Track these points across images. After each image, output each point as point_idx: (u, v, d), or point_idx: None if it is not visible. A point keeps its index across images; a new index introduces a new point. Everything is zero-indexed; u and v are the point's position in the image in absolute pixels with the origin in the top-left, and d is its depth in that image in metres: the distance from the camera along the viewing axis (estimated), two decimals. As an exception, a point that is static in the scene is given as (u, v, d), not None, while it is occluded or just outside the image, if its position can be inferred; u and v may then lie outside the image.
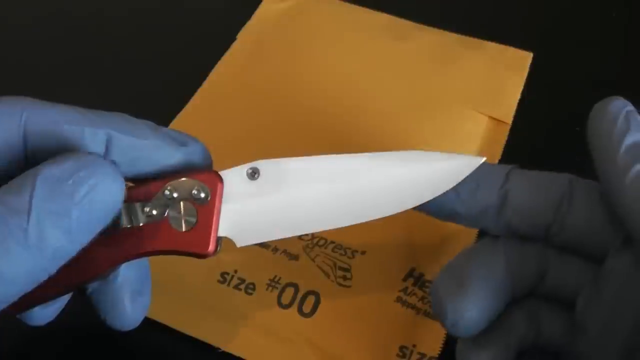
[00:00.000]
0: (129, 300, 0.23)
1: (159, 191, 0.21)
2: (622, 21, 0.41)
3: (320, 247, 0.31)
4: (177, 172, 0.22)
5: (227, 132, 0.35)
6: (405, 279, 0.30)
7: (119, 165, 0.21)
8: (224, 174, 0.22)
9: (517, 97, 0.36)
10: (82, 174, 0.18)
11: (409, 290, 0.29)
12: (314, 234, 0.31)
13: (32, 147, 0.20)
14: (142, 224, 0.22)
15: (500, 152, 0.34)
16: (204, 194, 0.22)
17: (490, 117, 0.35)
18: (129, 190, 0.21)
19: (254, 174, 0.22)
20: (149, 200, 0.22)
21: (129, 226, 0.22)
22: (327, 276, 0.30)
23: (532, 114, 0.36)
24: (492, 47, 0.39)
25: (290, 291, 0.29)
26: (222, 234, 0.22)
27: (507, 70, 0.38)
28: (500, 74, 0.37)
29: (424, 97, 0.36)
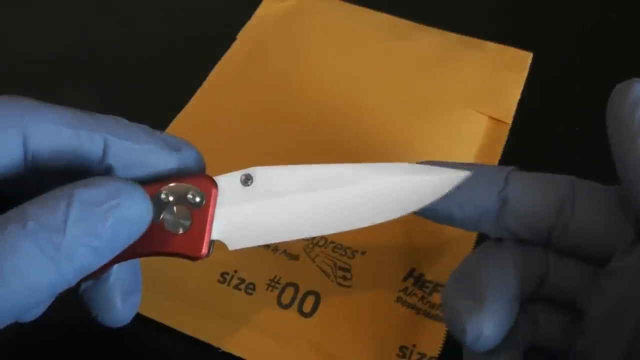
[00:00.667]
0: (121, 299, 0.23)
1: (154, 194, 0.21)
2: (622, 21, 0.41)
3: (320, 247, 0.31)
4: (172, 176, 0.22)
5: (227, 132, 0.35)
6: (405, 279, 0.30)
7: (115, 169, 0.22)
8: (219, 179, 0.22)
9: (517, 97, 0.36)
10: (115, 201, 0.19)
11: (409, 290, 0.29)
12: (314, 234, 0.31)
13: (32, 149, 0.21)
14: None
15: (500, 152, 0.34)
16: (199, 198, 0.22)
17: (490, 117, 0.35)
18: None
19: (248, 180, 0.23)
20: None
21: None
22: (327, 276, 0.30)
23: (532, 114, 0.36)
24: (492, 47, 0.39)
25: (290, 291, 0.29)
26: (214, 237, 0.23)
27: (507, 70, 0.38)
28: (500, 74, 0.37)
29: (424, 97, 0.36)
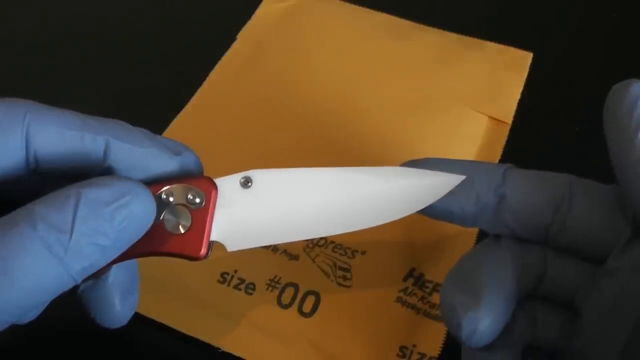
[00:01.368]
0: (119, 299, 0.24)
1: (155, 194, 0.22)
2: (622, 21, 0.41)
3: (320, 247, 0.31)
4: (172, 178, 0.22)
5: (227, 132, 0.35)
6: (405, 279, 0.30)
7: (115, 170, 0.22)
8: (219, 181, 0.23)
9: (517, 97, 0.36)
10: (123, 200, 0.20)
11: (409, 290, 0.29)
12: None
13: (34, 151, 0.21)
14: None
15: (500, 152, 0.34)
16: (199, 199, 0.22)
17: (490, 117, 0.35)
18: None
19: (247, 182, 0.23)
20: None
21: None
22: (327, 276, 0.30)
23: (532, 114, 0.36)
24: (492, 47, 0.39)
25: (290, 291, 0.29)
26: (213, 238, 0.23)
27: (507, 70, 0.38)
28: (500, 74, 0.37)
29: (424, 97, 0.36)
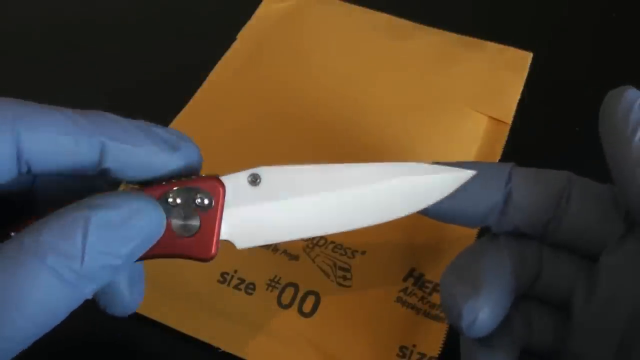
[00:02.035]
0: (128, 288, 0.24)
1: (161, 196, 0.21)
2: (622, 21, 0.41)
3: (320, 247, 0.31)
4: (175, 175, 0.22)
5: (227, 132, 0.35)
6: (405, 279, 0.30)
7: (112, 170, 0.21)
8: (226, 179, 0.22)
9: (517, 97, 0.36)
10: (133, 221, 0.19)
11: (409, 290, 0.29)
12: (314, 234, 0.31)
13: (26, 158, 0.20)
14: None
15: (500, 152, 0.34)
16: (207, 201, 0.22)
17: (490, 117, 0.35)
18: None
19: (256, 180, 0.23)
20: None
21: None
22: (327, 276, 0.30)
23: (532, 114, 0.36)
24: (492, 47, 0.39)
25: (290, 291, 0.29)
26: (222, 237, 0.22)
27: (507, 70, 0.38)
28: (500, 74, 0.37)
29: (424, 97, 0.36)
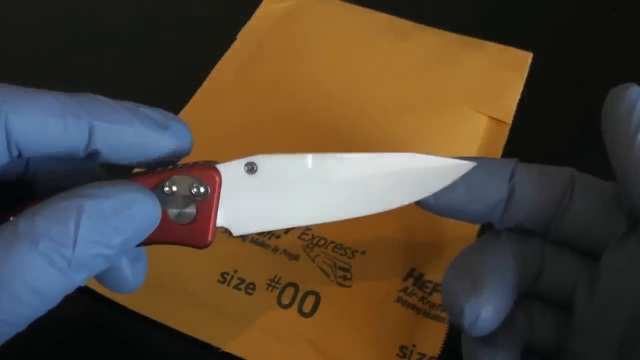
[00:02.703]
0: (129, 268, 0.24)
1: (157, 185, 0.21)
2: (622, 21, 0.41)
3: (320, 247, 0.31)
4: (167, 157, 0.22)
5: (227, 132, 0.35)
6: (405, 279, 0.30)
7: (102, 152, 0.21)
8: (222, 167, 0.22)
9: (517, 97, 0.36)
10: (126, 211, 0.19)
11: (409, 290, 0.29)
12: (314, 234, 0.31)
13: (15, 141, 0.20)
14: None
15: (500, 152, 0.34)
16: (203, 189, 0.22)
17: (490, 117, 0.35)
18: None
19: (252, 168, 0.23)
20: None
21: None
22: (327, 276, 0.30)
23: (532, 114, 0.36)
24: (492, 47, 0.39)
25: (290, 291, 0.29)
26: (219, 224, 0.23)
27: (507, 70, 0.38)
28: (500, 74, 0.37)
29: (424, 97, 0.36)
